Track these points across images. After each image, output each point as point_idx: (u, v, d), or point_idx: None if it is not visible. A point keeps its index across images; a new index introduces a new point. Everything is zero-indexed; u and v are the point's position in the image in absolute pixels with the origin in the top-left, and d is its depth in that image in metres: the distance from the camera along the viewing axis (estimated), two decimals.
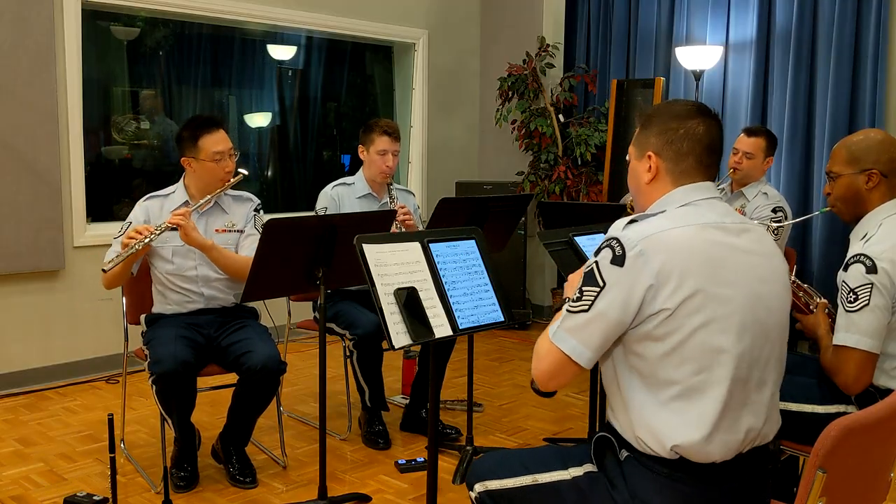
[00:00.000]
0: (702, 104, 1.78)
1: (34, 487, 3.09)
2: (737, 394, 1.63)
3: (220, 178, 3.12)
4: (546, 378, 1.70)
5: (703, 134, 1.72)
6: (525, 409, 4.10)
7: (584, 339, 1.63)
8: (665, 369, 1.61)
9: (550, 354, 1.67)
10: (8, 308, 4.28)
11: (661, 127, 1.75)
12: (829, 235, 4.80)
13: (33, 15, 4.18)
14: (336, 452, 3.46)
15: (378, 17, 5.81)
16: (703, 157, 1.73)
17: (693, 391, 1.61)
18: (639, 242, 1.60)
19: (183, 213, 2.95)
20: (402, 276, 2.20)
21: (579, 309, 1.64)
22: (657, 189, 1.76)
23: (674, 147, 1.73)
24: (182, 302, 3.17)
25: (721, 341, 1.60)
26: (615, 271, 1.60)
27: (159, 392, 2.91)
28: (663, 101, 5.37)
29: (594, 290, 1.62)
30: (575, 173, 5.66)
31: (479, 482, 1.86)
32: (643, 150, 1.78)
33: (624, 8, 5.83)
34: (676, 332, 1.59)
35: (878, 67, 4.59)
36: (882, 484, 1.69)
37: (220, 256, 3.07)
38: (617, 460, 1.70)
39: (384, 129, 3.64)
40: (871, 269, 2.16)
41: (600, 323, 1.61)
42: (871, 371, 2.19)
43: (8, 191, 4.16)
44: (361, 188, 3.72)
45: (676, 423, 1.61)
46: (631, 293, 1.59)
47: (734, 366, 1.61)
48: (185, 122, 3.20)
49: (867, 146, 2.33)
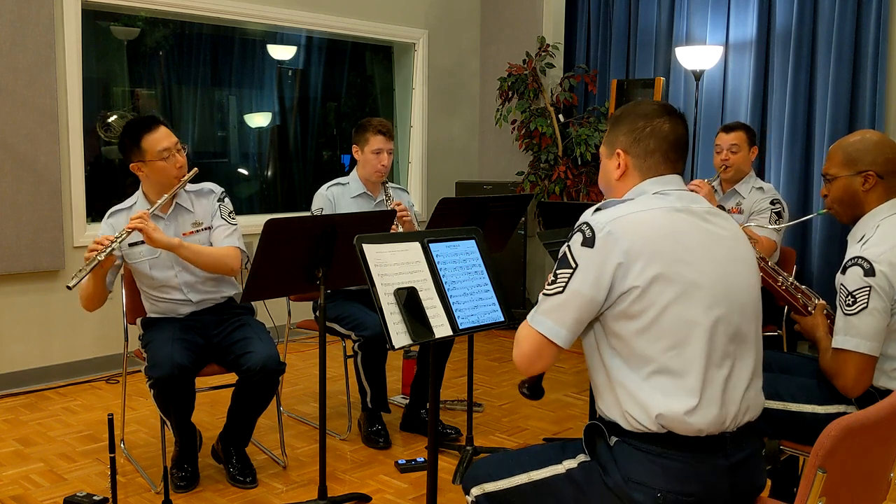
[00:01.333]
0: (667, 104, 1.88)
1: (34, 487, 3.09)
2: (715, 367, 1.68)
3: (173, 175, 3.03)
4: (527, 361, 1.76)
5: (668, 131, 1.81)
6: (525, 409, 4.10)
7: (559, 318, 1.70)
8: (643, 346, 1.67)
9: (529, 337, 1.74)
10: (8, 308, 4.28)
11: (629, 126, 1.84)
12: (829, 235, 4.80)
13: (33, 15, 4.19)
14: (336, 452, 3.46)
15: (378, 17, 5.81)
16: (670, 152, 1.82)
17: (671, 364, 1.66)
18: (607, 224, 1.69)
19: (140, 216, 2.85)
20: (402, 276, 2.20)
21: (554, 291, 1.71)
22: (626, 184, 1.85)
23: (641, 144, 1.82)
24: (175, 309, 3.15)
25: (693, 315, 1.66)
26: (586, 252, 1.68)
27: (157, 395, 2.90)
28: (664, 100, 5.38)
29: (567, 271, 1.70)
30: (575, 173, 5.66)
31: (476, 486, 1.88)
32: (612, 147, 1.87)
33: (624, 8, 5.83)
34: (650, 309, 1.65)
35: (878, 67, 4.59)
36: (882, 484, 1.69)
37: (189, 254, 2.99)
38: (607, 446, 1.73)
39: (378, 128, 3.64)
40: (869, 271, 2.15)
41: (574, 301, 1.68)
42: (871, 374, 2.19)
43: (8, 191, 4.16)
44: (356, 188, 3.72)
45: (660, 396, 1.66)
46: (602, 271, 1.66)
47: (708, 338, 1.67)
48: (123, 128, 3.08)
49: (863, 148, 2.32)
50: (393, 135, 3.71)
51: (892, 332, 2.20)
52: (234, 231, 3.17)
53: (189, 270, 3.10)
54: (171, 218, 3.12)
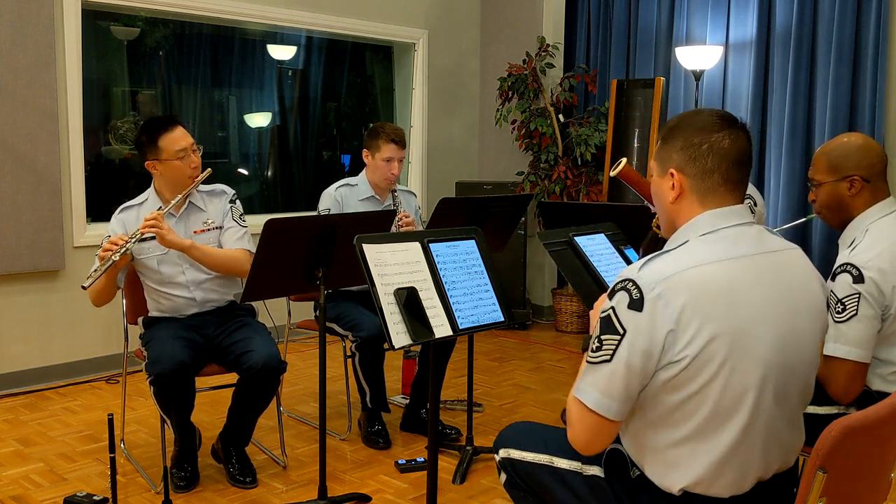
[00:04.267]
0: (728, 114, 1.67)
1: (34, 487, 3.09)
2: (753, 434, 1.56)
3: (188, 175, 3.06)
4: (584, 444, 1.60)
5: (728, 147, 1.61)
6: (525, 408, 4.10)
7: (607, 390, 1.53)
8: (681, 413, 1.54)
9: (578, 412, 1.58)
10: (8, 308, 4.28)
11: (683, 141, 1.64)
12: (829, 235, 4.80)
13: (33, 15, 4.19)
14: (336, 452, 3.46)
15: (378, 17, 5.81)
16: (731, 172, 1.62)
17: (706, 432, 1.54)
18: (657, 284, 1.50)
19: (155, 217, 2.89)
20: (402, 276, 2.20)
21: (601, 359, 1.54)
22: (683, 208, 1.65)
23: (698, 163, 1.62)
24: (178, 308, 3.15)
25: (743, 386, 1.52)
26: (634, 317, 1.50)
27: (157, 393, 2.90)
28: (662, 102, 5.39)
29: (615, 338, 1.52)
30: (575, 173, 5.66)
31: (503, 448, 1.91)
32: (665, 166, 1.67)
33: (624, 8, 5.83)
34: (696, 378, 1.50)
35: (878, 67, 4.59)
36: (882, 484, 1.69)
37: (201, 255, 3.03)
38: (628, 476, 1.69)
39: (391, 136, 3.60)
40: (858, 278, 2.14)
41: (624, 372, 1.51)
42: (862, 380, 2.20)
43: (8, 191, 4.16)
44: (364, 190, 3.71)
45: (687, 466, 1.56)
46: (653, 339, 1.49)
47: (754, 408, 1.54)
48: (141, 126, 3.11)
49: (846, 152, 2.30)
50: (405, 142, 3.68)
51: (887, 337, 2.20)
52: (244, 233, 3.20)
53: (197, 268, 3.12)
54: (182, 216, 3.14)
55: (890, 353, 2.23)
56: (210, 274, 3.14)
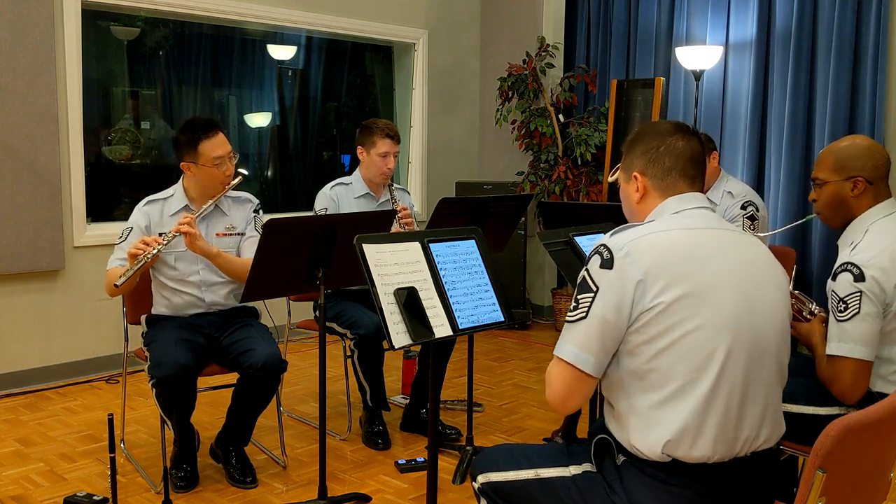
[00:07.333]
0: (680, 122, 1.86)
1: (34, 487, 3.09)
2: (729, 394, 1.63)
3: (220, 182, 3.10)
4: (559, 399, 1.69)
5: (683, 147, 1.80)
6: (525, 408, 4.10)
7: (585, 344, 1.65)
8: (657, 368, 1.62)
9: (557, 370, 1.68)
10: (8, 308, 4.28)
11: (643, 147, 1.83)
12: (829, 235, 4.80)
13: (33, 15, 4.19)
14: (336, 452, 3.46)
15: (378, 17, 5.81)
16: (687, 169, 1.80)
17: (684, 390, 1.62)
18: (625, 245, 1.65)
19: (189, 222, 2.93)
20: (402, 276, 2.20)
21: (578, 317, 1.66)
22: (648, 205, 1.83)
23: (657, 164, 1.81)
24: (184, 307, 3.16)
25: (712, 341, 1.61)
26: (606, 274, 1.64)
27: (160, 395, 2.90)
28: (662, 102, 5.39)
29: (588, 295, 1.65)
30: (575, 173, 5.66)
31: (482, 474, 1.89)
32: (629, 171, 1.86)
33: (624, 8, 5.83)
34: (668, 332, 1.60)
35: (878, 67, 4.59)
36: (882, 484, 1.69)
37: (225, 263, 3.07)
38: (615, 464, 1.72)
39: (386, 131, 3.62)
40: (859, 277, 2.16)
41: (598, 326, 1.63)
42: (867, 379, 2.20)
43: (8, 191, 4.16)
44: (359, 188, 3.72)
45: (667, 424, 1.62)
46: (623, 293, 1.62)
47: (725, 366, 1.62)
48: (183, 125, 3.14)
49: (853, 153, 2.32)
50: (400, 138, 3.71)
51: (887, 335, 2.21)
52: None
53: (212, 270, 3.13)
54: (206, 218, 3.17)
55: (891, 351, 2.23)
56: (223, 278, 3.16)
